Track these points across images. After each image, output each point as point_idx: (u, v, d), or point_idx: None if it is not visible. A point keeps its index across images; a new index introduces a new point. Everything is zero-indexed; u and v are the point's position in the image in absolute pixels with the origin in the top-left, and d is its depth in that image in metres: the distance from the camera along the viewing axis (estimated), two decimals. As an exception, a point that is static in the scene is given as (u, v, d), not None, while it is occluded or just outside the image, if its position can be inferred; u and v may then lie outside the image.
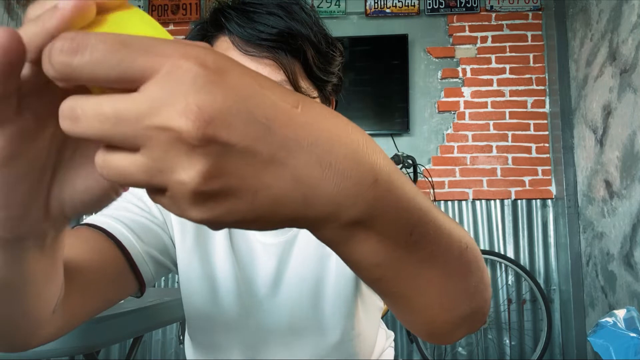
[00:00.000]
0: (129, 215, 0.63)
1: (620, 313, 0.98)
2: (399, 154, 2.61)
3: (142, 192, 0.67)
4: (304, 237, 0.69)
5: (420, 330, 0.40)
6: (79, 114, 0.20)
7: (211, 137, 0.20)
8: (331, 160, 0.23)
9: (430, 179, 2.85)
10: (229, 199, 0.22)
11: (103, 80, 0.20)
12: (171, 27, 3.19)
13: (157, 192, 0.22)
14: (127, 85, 0.20)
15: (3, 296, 0.35)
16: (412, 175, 2.68)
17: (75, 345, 0.81)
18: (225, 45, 0.58)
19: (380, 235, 0.27)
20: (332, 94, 0.66)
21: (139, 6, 3.19)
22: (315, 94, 0.61)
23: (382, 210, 0.26)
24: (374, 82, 2.97)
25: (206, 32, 0.60)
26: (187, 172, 0.20)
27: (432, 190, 2.87)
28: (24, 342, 0.43)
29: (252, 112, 0.21)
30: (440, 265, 0.33)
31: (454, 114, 3.02)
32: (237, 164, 0.21)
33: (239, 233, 0.69)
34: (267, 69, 0.56)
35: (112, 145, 0.21)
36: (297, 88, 0.57)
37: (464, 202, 2.94)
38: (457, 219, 2.93)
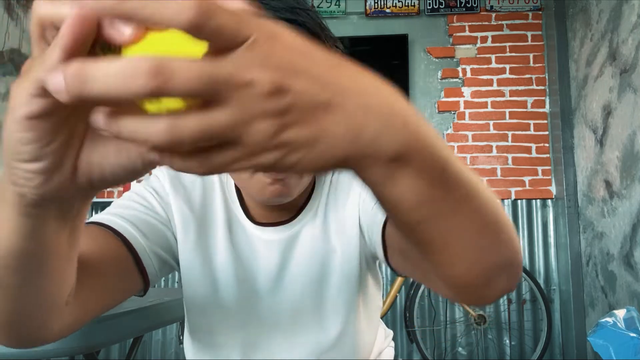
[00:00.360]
0: (134, 213, 0.64)
1: (620, 313, 0.98)
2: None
3: (146, 191, 0.68)
4: (307, 234, 0.69)
5: (461, 282, 0.40)
6: (172, 73, 0.22)
7: (285, 88, 0.24)
8: (372, 105, 0.28)
9: (430, 179, 2.84)
10: (296, 144, 0.26)
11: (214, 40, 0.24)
12: (171, 27, 3.18)
13: (223, 147, 0.25)
14: (228, 44, 0.24)
15: (24, 269, 0.36)
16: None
17: (75, 345, 0.81)
18: None
19: (417, 172, 0.30)
20: None
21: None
22: None
23: (414, 148, 0.30)
24: (374, 82, 2.97)
25: None
26: (267, 120, 0.24)
27: (432, 190, 2.87)
28: (35, 334, 0.43)
29: (313, 66, 0.26)
30: (474, 207, 0.35)
31: (454, 114, 3.02)
32: (303, 111, 0.25)
33: (240, 229, 0.70)
34: None
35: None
36: None
37: (464, 202, 2.94)
38: (457, 219, 2.93)
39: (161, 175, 0.70)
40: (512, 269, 0.41)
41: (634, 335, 0.90)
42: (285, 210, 0.69)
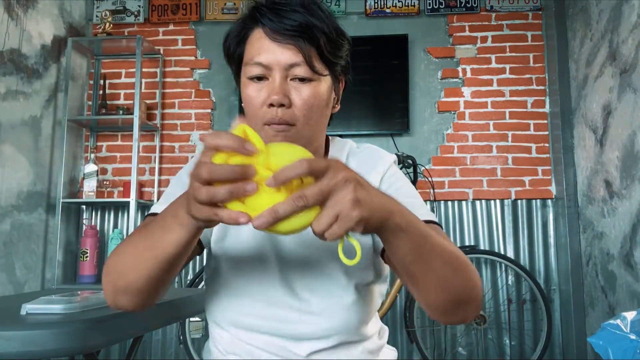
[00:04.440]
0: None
1: (630, 315, 0.96)
2: (399, 154, 2.61)
3: (184, 174, 0.84)
4: None
5: (429, 305, 0.67)
6: (307, 198, 0.49)
7: (352, 180, 0.52)
8: (385, 203, 0.56)
9: (430, 179, 2.85)
10: (358, 204, 0.51)
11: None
12: (171, 27, 3.19)
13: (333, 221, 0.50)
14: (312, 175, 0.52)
15: (171, 267, 0.65)
16: (412, 175, 2.68)
17: (75, 345, 0.80)
18: (258, 35, 0.76)
19: (409, 235, 0.58)
20: (342, 75, 0.84)
21: (139, 6, 3.19)
22: (326, 72, 0.78)
23: (406, 224, 0.58)
24: (374, 82, 2.97)
25: (245, 25, 0.78)
26: (350, 196, 0.50)
27: (432, 190, 2.87)
28: (150, 302, 0.71)
29: (365, 185, 0.54)
30: (438, 253, 0.62)
31: (454, 114, 3.02)
32: (365, 199, 0.52)
33: None
34: (290, 52, 0.74)
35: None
36: (312, 67, 0.75)
37: (464, 202, 2.95)
38: (457, 219, 2.94)
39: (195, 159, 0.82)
40: (468, 308, 0.67)
41: (634, 337, 0.90)
42: None
